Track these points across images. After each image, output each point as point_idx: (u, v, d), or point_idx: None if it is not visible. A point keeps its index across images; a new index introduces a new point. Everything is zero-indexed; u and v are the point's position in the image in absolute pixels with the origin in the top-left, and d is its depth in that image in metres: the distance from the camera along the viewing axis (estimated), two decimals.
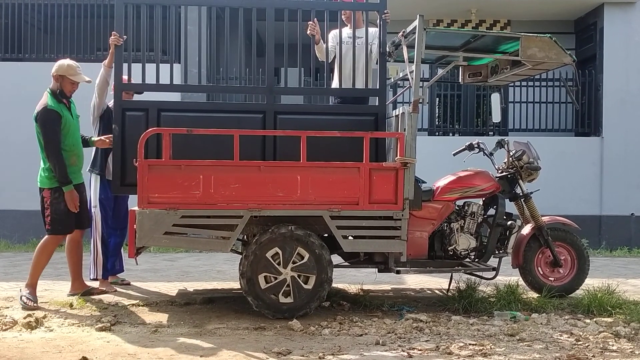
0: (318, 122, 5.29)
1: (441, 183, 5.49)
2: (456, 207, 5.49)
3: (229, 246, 4.93)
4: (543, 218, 5.66)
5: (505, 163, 5.74)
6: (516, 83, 8.90)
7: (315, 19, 5.64)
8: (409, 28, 5.13)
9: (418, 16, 4.94)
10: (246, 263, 4.84)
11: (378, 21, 5.51)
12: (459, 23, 10.94)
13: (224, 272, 6.98)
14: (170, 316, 4.98)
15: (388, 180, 4.92)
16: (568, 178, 9.63)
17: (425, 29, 4.97)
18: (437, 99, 10.98)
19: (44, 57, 9.60)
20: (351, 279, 6.35)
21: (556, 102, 10.25)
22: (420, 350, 4.12)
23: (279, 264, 4.85)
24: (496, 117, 6.09)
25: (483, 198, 5.57)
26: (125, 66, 5.35)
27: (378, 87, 5.51)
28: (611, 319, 4.97)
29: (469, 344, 4.24)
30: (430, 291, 6.06)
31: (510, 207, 5.64)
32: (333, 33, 5.75)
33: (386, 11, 5.46)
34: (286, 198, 4.84)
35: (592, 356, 4.05)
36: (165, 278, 6.61)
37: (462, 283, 5.46)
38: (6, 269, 7.07)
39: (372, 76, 5.67)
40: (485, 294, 5.50)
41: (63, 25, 9.75)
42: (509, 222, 5.50)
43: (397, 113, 5.35)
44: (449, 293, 5.56)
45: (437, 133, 10.62)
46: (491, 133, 10.23)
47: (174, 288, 6.02)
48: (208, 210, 4.80)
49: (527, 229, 5.65)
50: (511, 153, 5.69)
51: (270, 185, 4.82)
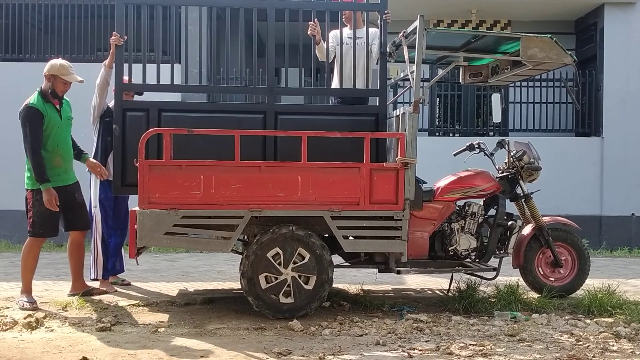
0: (319, 123, 5.29)
1: (442, 183, 5.49)
2: (457, 208, 5.49)
3: (230, 246, 4.93)
4: (544, 218, 5.66)
5: (505, 163, 5.74)
6: (517, 83, 8.90)
7: (316, 19, 5.64)
8: (410, 28, 5.13)
9: (419, 16, 4.94)
10: (247, 263, 4.84)
11: (378, 21, 5.52)
12: (460, 23, 10.94)
13: (225, 273, 6.97)
14: (170, 316, 4.98)
15: (389, 180, 4.92)
16: (568, 178, 9.63)
17: (425, 29, 4.97)
18: (438, 99, 10.97)
19: (44, 58, 9.52)
20: (351, 279, 6.35)
21: (556, 103, 10.24)
22: (420, 350, 4.11)
23: (280, 264, 4.85)
24: (497, 118, 6.10)
25: (484, 198, 5.58)
26: (125, 66, 5.35)
27: (379, 88, 5.52)
28: (612, 320, 4.97)
29: (470, 344, 4.24)
30: (430, 291, 6.06)
31: (510, 208, 5.64)
32: (333, 33, 5.75)
33: (387, 11, 5.46)
34: (287, 198, 4.84)
35: (593, 356, 4.05)
36: (165, 278, 6.61)
37: (463, 283, 5.46)
38: (7, 269, 7.07)
39: (373, 76, 5.67)
40: (485, 294, 5.50)
41: (63, 25, 9.74)
42: (510, 223, 5.50)
43: (398, 113, 5.35)
44: (450, 293, 5.55)
45: (438, 133, 10.62)
46: (492, 133, 10.22)
47: (175, 288, 6.02)
48: (209, 210, 4.80)
49: (528, 229, 5.65)
50: (512, 153, 5.69)
51: (271, 185, 4.82)
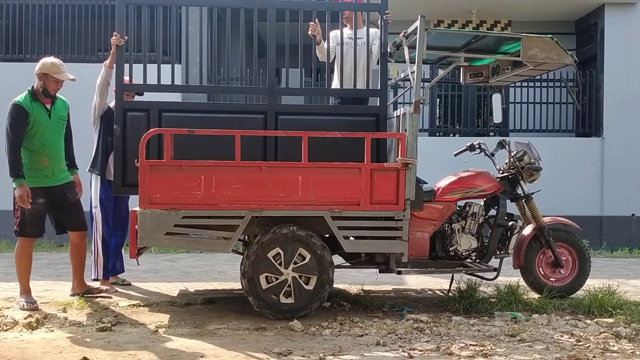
0: (319, 123, 5.29)
1: (442, 184, 5.49)
2: (457, 208, 5.49)
3: (230, 246, 4.93)
4: (544, 218, 5.66)
5: (506, 164, 5.74)
6: (517, 84, 8.88)
7: (316, 20, 5.64)
8: (410, 29, 5.13)
9: (419, 17, 4.94)
10: (247, 263, 4.84)
11: (379, 22, 5.52)
12: (460, 24, 10.94)
13: (225, 273, 6.97)
14: (170, 316, 4.98)
15: (389, 180, 4.92)
16: (569, 179, 9.62)
17: (426, 30, 4.97)
18: (438, 100, 10.97)
19: None
20: (352, 280, 6.35)
21: (557, 103, 10.23)
22: (420, 350, 4.11)
23: (280, 265, 4.85)
24: (497, 118, 6.10)
25: (484, 199, 5.57)
26: (126, 67, 5.35)
27: (379, 88, 5.52)
28: (612, 320, 4.97)
29: (470, 345, 4.24)
30: (431, 292, 6.06)
31: (511, 208, 5.64)
32: (334, 33, 5.75)
33: (387, 12, 5.47)
34: (287, 198, 4.84)
35: (593, 357, 4.05)
36: (166, 278, 6.61)
37: (463, 283, 5.46)
38: (7, 269, 7.06)
39: (373, 77, 5.67)
40: (486, 295, 5.49)
41: (64, 25, 9.74)
42: (510, 223, 5.50)
43: (398, 113, 5.35)
44: (450, 294, 5.55)
45: (438, 134, 10.61)
46: (492, 134, 10.22)
47: (175, 288, 6.02)
48: (209, 210, 4.80)
49: (528, 230, 5.65)
50: (512, 154, 5.69)
51: (271, 185, 4.82)
